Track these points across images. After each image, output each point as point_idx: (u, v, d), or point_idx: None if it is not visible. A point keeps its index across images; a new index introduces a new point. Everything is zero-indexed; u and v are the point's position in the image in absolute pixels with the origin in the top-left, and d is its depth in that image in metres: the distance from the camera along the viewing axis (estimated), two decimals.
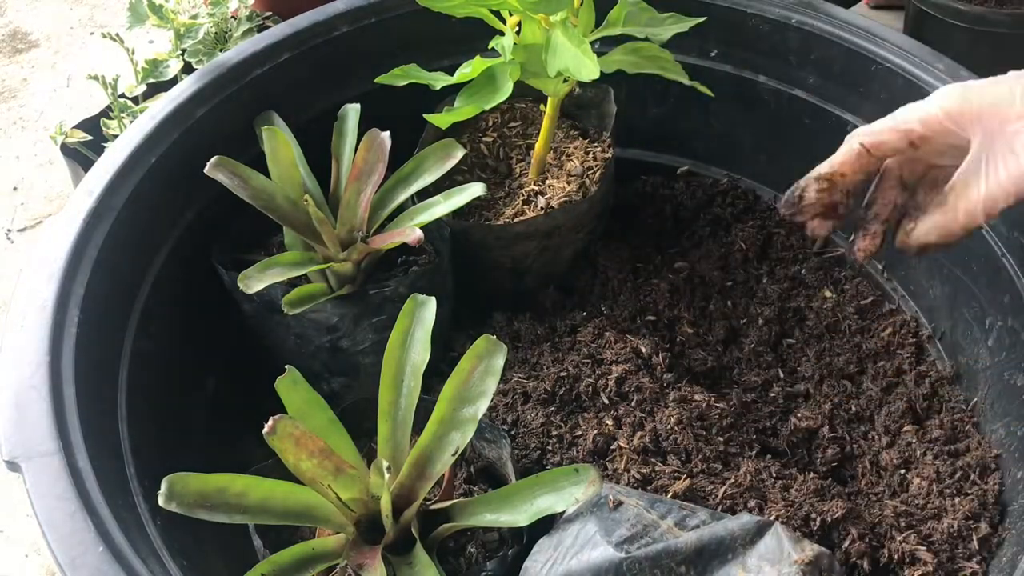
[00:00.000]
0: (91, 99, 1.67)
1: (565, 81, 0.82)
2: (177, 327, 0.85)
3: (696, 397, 0.82)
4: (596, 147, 0.95)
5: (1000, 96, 0.63)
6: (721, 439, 0.80)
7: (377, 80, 0.81)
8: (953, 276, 0.88)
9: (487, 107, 0.78)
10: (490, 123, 0.98)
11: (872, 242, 0.71)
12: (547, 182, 0.92)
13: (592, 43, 0.75)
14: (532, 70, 0.79)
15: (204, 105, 0.89)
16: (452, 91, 0.80)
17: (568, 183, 0.91)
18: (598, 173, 0.92)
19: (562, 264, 0.95)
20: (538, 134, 0.91)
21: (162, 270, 0.84)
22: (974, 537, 0.74)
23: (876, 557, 0.73)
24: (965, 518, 0.75)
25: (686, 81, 0.79)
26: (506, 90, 0.77)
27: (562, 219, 0.89)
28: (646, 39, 0.80)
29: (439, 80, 0.79)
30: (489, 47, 0.79)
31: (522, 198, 0.91)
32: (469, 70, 0.77)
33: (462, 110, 0.78)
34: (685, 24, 0.80)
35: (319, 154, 0.90)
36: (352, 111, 0.91)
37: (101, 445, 0.68)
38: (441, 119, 0.80)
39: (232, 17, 1.17)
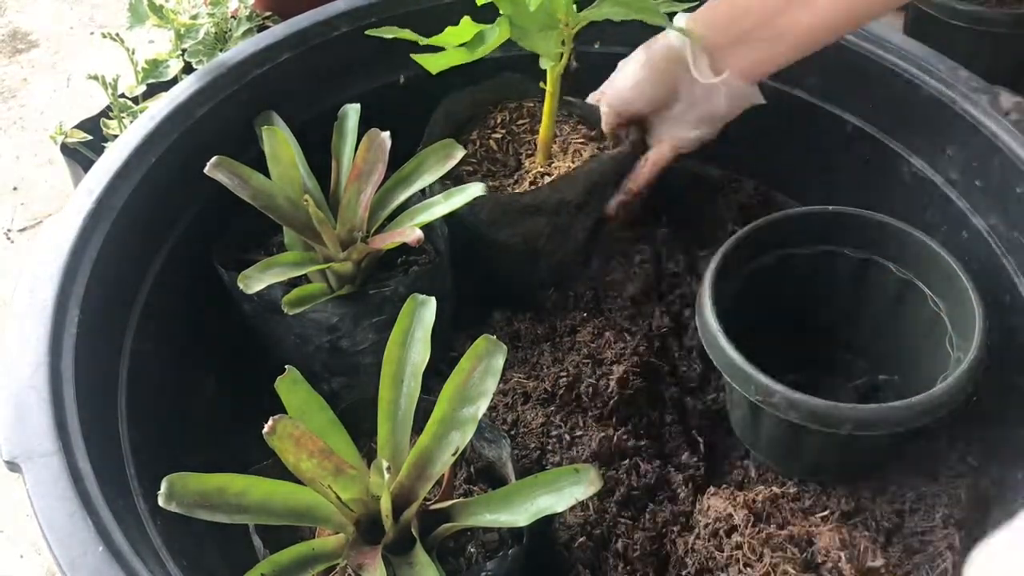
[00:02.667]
0: (91, 99, 1.67)
1: (561, 45, 0.82)
2: (177, 327, 0.85)
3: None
4: (605, 144, 0.95)
5: None
6: None
7: (368, 32, 0.81)
8: None
9: (475, 56, 0.80)
10: (499, 121, 0.99)
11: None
12: (553, 164, 0.93)
13: None
14: (520, 24, 0.79)
15: (204, 105, 0.89)
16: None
17: (573, 163, 0.92)
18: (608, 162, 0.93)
19: (575, 248, 0.95)
20: None
21: (162, 270, 0.84)
22: None
23: None
24: None
25: (667, 24, 0.80)
26: (492, 41, 0.79)
27: (567, 191, 0.89)
28: None
29: (424, 40, 0.81)
30: (479, 3, 0.80)
31: (529, 180, 0.92)
32: (459, 29, 0.79)
33: (452, 54, 0.80)
34: (677, 7, 0.82)
35: (319, 154, 0.90)
36: (352, 111, 0.91)
37: (101, 445, 0.68)
38: (430, 60, 0.81)
39: (232, 17, 1.17)
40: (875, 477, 0.80)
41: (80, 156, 1.16)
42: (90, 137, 1.14)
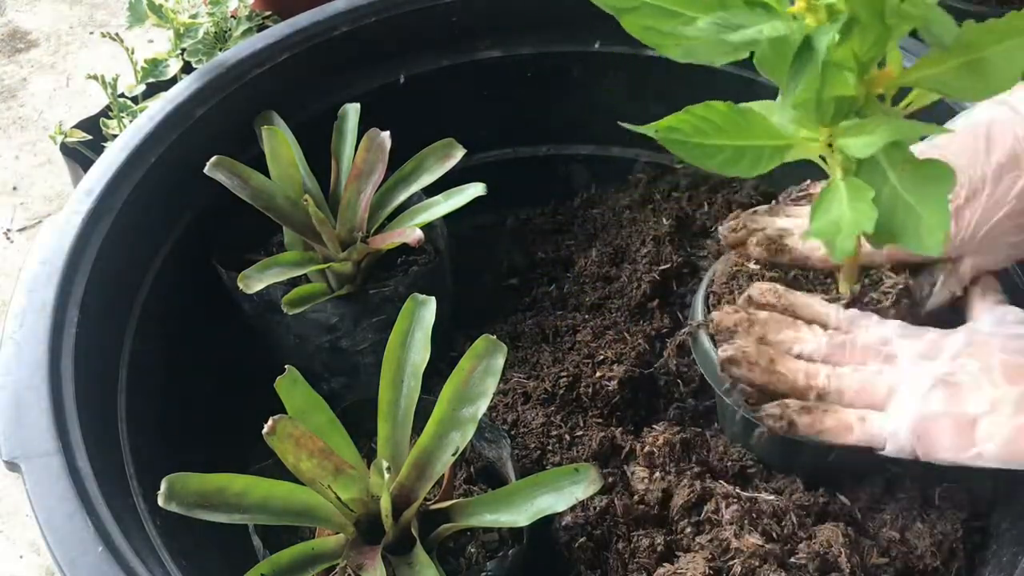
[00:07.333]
0: (91, 99, 1.67)
1: None
2: (177, 327, 0.85)
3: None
4: None
5: None
6: None
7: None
8: None
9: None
10: None
11: None
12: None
13: None
14: None
15: (204, 105, 0.89)
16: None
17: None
18: None
19: None
20: None
21: (162, 270, 0.84)
22: None
23: None
24: None
25: None
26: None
27: None
28: None
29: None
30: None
31: None
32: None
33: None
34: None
35: (319, 154, 0.90)
36: (352, 111, 0.91)
37: (101, 445, 0.68)
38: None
39: (232, 16, 1.17)
40: (875, 478, 0.79)
41: (80, 156, 1.16)
42: (90, 137, 1.14)
